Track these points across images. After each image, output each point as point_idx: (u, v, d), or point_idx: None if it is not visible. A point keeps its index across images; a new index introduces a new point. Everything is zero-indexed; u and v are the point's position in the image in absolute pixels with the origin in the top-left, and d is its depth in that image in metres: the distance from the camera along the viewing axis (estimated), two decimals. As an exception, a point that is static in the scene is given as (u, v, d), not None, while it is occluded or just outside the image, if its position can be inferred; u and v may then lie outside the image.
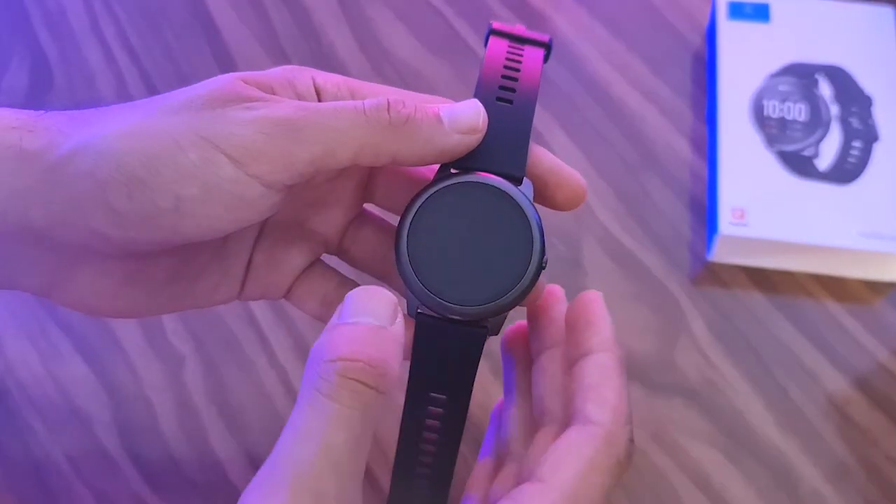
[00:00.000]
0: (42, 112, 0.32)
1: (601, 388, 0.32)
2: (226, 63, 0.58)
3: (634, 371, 0.48)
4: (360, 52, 0.58)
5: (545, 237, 0.32)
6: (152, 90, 0.57)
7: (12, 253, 0.32)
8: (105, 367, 0.47)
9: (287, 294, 0.38)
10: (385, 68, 0.58)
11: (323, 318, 0.39)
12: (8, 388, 0.47)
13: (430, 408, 0.34)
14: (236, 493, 0.44)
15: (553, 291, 0.37)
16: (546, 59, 0.35)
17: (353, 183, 0.37)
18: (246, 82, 0.31)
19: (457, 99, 0.34)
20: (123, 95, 0.56)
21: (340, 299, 0.38)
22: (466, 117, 0.32)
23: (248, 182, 0.30)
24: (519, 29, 0.36)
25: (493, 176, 0.32)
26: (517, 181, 0.32)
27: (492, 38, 0.35)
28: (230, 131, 0.29)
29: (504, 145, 0.32)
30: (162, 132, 0.29)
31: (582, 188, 0.34)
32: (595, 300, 0.35)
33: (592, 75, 0.58)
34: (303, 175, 0.30)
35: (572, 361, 0.34)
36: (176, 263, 0.35)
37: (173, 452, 0.45)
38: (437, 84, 0.57)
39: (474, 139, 0.32)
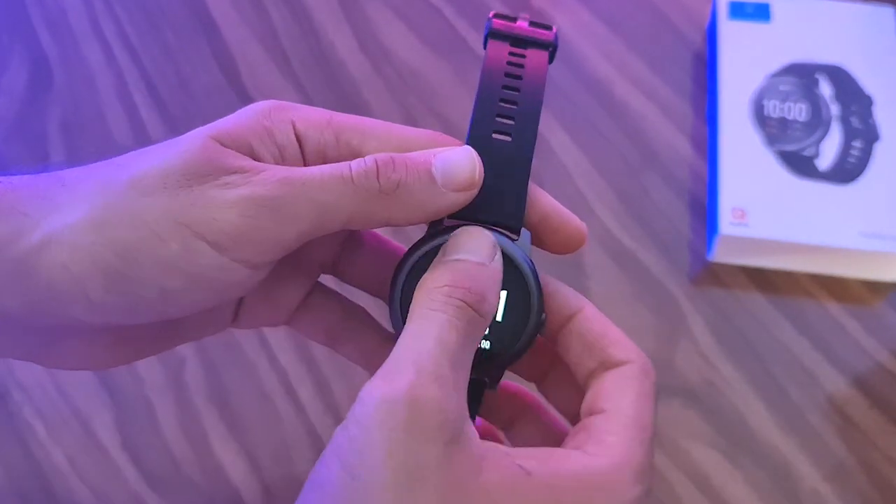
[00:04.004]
0: None
1: (608, 333, 0.32)
2: (226, 62, 0.58)
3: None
4: (360, 51, 0.58)
5: (543, 293, 0.31)
6: (152, 89, 0.57)
7: None
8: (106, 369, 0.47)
9: (289, 321, 0.37)
10: (385, 68, 0.58)
11: (332, 348, 0.37)
12: (9, 390, 0.47)
13: None
14: (236, 493, 0.44)
15: None
16: (550, 60, 0.33)
17: None
18: (221, 142, 0.29)
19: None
20: (123, 94, 0.56)
21: (347, 332, 0.36)
22: (461, 171, 0.30)
23: (232, 267, 0.28)
24: (521, 26, 0.33)
25: (487, 231, 0.30)
26: (514, 231, 0.31)
27: (490, 43, 0.33)
28: (211, 216, 0.28)
29: (501, 192, 0.31)
30: (137, 219, 0.28)
31: (581, 234, 0.33)
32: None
33: (593, 74, 0.58)
34: (289, 250, 0.29)
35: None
36: (162, 324, 0.34)
37: (174, 453, 0.45)
38: (437, 84, 0.57)
39: (470, 195, 0.30)
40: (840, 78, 0.54)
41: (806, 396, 0.48)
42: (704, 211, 0.53)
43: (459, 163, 0.30)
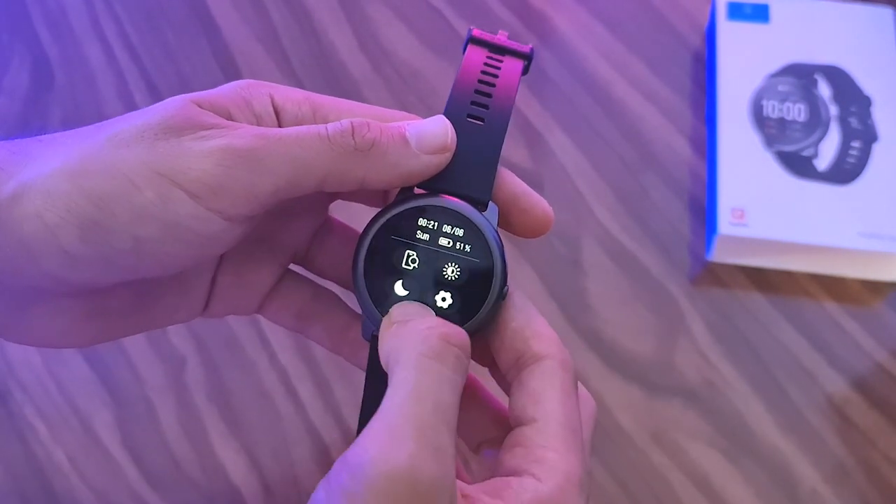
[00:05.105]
0: None
1: (532, 324, 0.31)
2: (226, 62, 0.58)
3: (634, 372, 0.48)
4: (360, 51, 0.58)
5: (507, 265, 0.31)
6: (153, 89, 0.57)
7: None
8: (107, 368, 0.47)
9: (259, 309, 0.37)
10: (385, 68, 0.58)
11: (301, 331, 0.38)
12: (10, 389, 0.47)
13: None
14: (237, 492, 0.44)
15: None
16: (525, 71, 0.34)
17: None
18: (200, 105, 0.30)
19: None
20: (124, 94, 0.56)
21: (317, 313, 0.37)
22: (434, 136, 0.30)
23: (208, 217, 0.28)
24: (500, 38, 0.34)
25: (456, 200, 0.31)
26: (482, 206, 0.32)
27: (470, 47, 0.34)
28: (187, 165, 0.28)
29: (471, 167, 0.31)
30: (113, 168, 0.28)
31: (547, 217, 0.33)
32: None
33: (592, 75, 0.58)
34: (265, 206, 0.29)
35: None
36: (133, 295, 0.33)
37: (174, 452, 0.45)
38: (437, 84, 0.57)
39: (443, 159, 0.31)
40: (839, 78, 0.55)
41: (805, 396, 0.48)
42: (703, 211, 0.53)
43: (433, 129, 0.31)
